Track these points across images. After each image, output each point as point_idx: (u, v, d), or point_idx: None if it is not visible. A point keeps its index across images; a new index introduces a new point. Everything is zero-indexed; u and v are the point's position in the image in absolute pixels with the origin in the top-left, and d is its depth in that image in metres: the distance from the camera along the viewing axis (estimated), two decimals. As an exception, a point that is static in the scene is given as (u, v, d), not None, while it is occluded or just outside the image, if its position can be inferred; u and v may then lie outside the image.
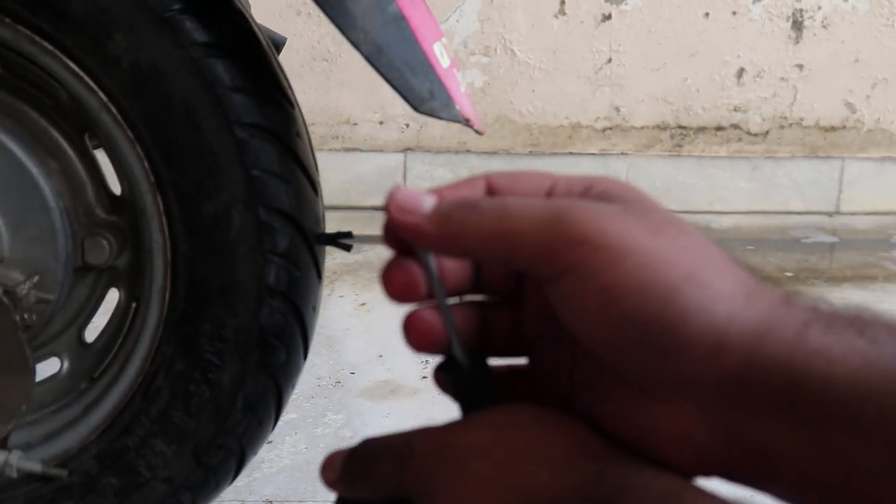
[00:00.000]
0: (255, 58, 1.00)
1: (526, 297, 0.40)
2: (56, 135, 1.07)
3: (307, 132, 1.07)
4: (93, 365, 1.17)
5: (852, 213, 3.15)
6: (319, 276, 1.09)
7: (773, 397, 0.30)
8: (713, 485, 0.33)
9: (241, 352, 1.05)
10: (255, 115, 0.98)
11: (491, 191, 0.39)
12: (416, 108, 0.91)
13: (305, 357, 1.12)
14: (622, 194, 0.36)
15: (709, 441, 0.32)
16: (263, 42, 1.00)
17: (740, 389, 0.31)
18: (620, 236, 0.32)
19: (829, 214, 3.15)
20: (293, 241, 1.02)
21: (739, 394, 0.31)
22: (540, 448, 0.34)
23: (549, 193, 0.38)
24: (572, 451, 0.34)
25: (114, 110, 0.99)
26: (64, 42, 0.96)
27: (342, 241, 1.08)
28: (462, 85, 0.97)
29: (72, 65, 0.98)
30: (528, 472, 0.33)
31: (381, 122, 3.01)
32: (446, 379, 0.38)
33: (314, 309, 1.10)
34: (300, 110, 1.06)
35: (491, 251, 0.34)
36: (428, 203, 0.36)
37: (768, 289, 0.33)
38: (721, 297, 0.31)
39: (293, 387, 1.13)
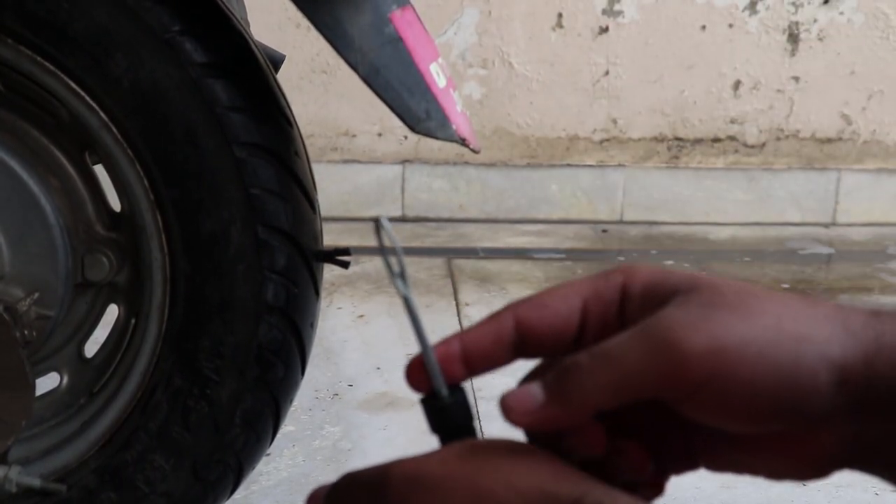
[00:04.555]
0: (253, 77, 1.01)
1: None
2: (56, 152, 1.08)
3: (305, 150, 1.08)
4: (92, 380, 1.17)
5: (849, 225, 3.16)
6: (317, 292, 1.10)
7: (890, 405, 0.35)
8: None
9: (239, 368, 1.06)
10: (253, 134, 0.99)
11: (519, 323, 0.39)
12: (412, 129, 0.92)
13: (303, 373, 1.12)
14: (665, 282, 0.38)
15: (839, 449, 0.37)
16: (262, 61, 1.01)
17: (864, 406, 0.35)
18: (727, 337, 0.35)
19: (826, 226, 3.16)
20: (291, 259, 1.03)
21: (864, 410, 0.35)
22: (512, 477, 0.34)
23: (584, 311, 0.39)
24: (546, 480, 0.34)
25: (114, 129, 1.00)
26: (65, 62, 0.98)
27: (340, 258, 1.09)
28: (459, 104, 0.98)
29: (73, 84, 0.99)
30: (500, 500, 0.34)
31: (379, 134, 3.02)
32: (427, 413, 0.39)
33: (312, 325, 1.11)
34: (298, 129, 1.07)
35: (614, 400, 0.36)
36: (538, 392, 0.37)
37: (852, 310, 0.37)
38: (828, 340, 0.35)
39: (291, 402, 1.14)
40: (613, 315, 0.39)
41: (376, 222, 0.38)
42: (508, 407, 0.37)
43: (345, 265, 1.12)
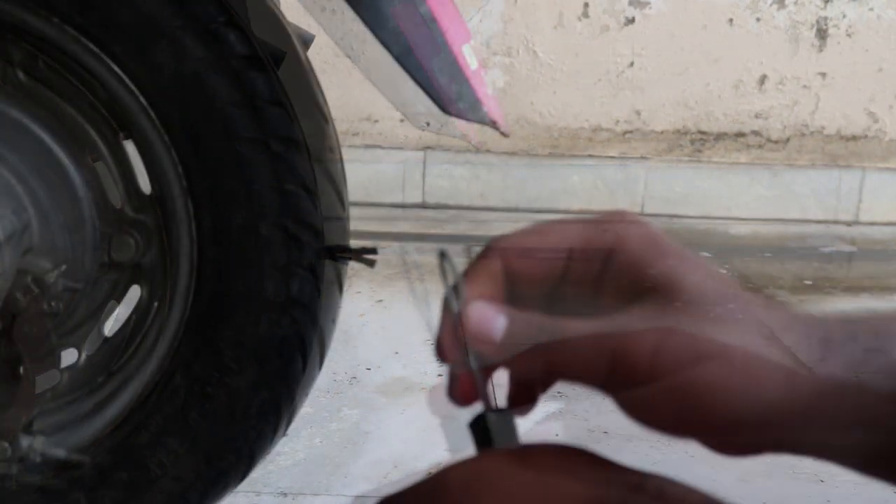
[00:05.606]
0: (294, 72, 1.01)
1: None
2: (90, 131, 1.08)
3: (339, 147, 1.08)
4: (111, 359, 1.17)
5: (872, 224, 3.14)
6: (341, 289, 1.10)
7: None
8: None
9: (259, 359, 1.06)
10: (291, 129, 0.99)
11: (506, 267, 0.41)
12: (444, 110, 0.92)
13: (321, 367, 1.13)
14: (650, 270, 0.38)
15: None
16: (303, 56, 1.01)
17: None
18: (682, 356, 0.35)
19: (849, 224, 3.14)
20: (319, 255, 1.04)
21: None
22: (574, 467, 0.35)
23: (569, 258, 0.41)
24: (607, 469, 0.35)
25: (152, 115, 1.00)
26: (110, 45, 0.98)
27: (366, 256, 1.09)
28: (489, 87, 0.98)
29: (115, 67, 0.99)
30: (565, 487, 0.34)
31: (401, 120, 3.02)
32: (474, 436, 0.39)
33: (333, 321, 1.11)
34: (334, 125, 1.07)
35: (552, 375, 0.38)
36: (499, 327, 0.39)
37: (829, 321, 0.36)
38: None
39: (307, 395, 1.14)
40: (596, 267, 0.40)
41: (441, 255, 0.40)
42: (472, 317, 0.39)
43: (370, 263, 1.13)
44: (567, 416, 1.70)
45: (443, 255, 0.40)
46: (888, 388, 0.34)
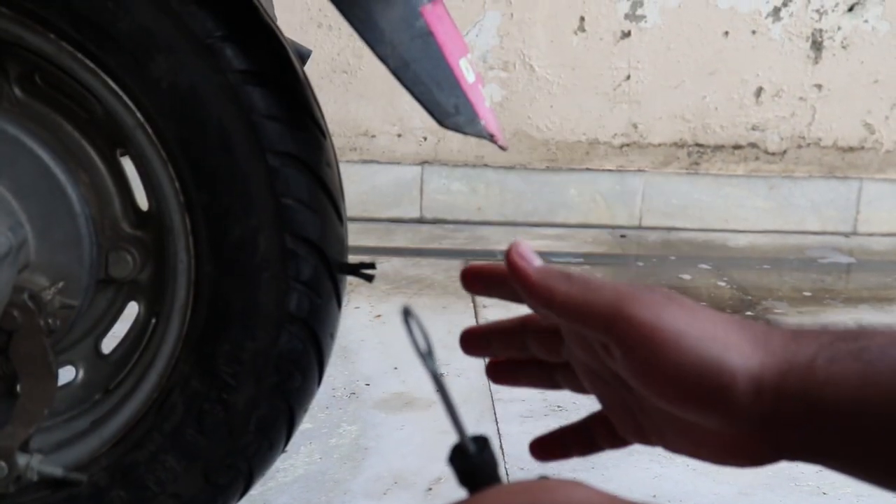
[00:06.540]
0: (291, 87, 1.01)
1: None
2: (87, 147, 1.08)
3: (336, 161, 1.08)
4: (108, 376, 1.16)
5: (869, 234, 3.14)
6: (339, 304, 1.10)
7: (798, 420, 0.41)
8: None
9: (257, 375, 1.06)
10: (288, 143, 0.99)
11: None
12: (441, 123, 0.92)
13: (320, 383, 1.12)
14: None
15: (762, 447, 0.43)
16: (300, 71, 1.01)
17: (774, 417, 0.41)
18: (671, 322, 0.43)
19: (846, 235, 3.14)
20: (317, 270, 1.03)
21: (773, 420, 0.41)
22: (584, 493, 0.37)
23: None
24: (608, 493, 0.37)
25: (149, 130, 1.00)
26: (106, 61, 0.98)
27: (364, 271, 1.09)
28: (487, 100, 0.98)
29: (111, 83, 0.99)
30: None
31: (399, 135, 3.02)
32: (454, 466, 0.39)
33: (332, 336, 1.11)
34: (331, 139, 1.07)
35: (569, 311, 0.46)
36: (538, 260, 0.48)
37: (776, 332, 0.43)
38: (751, 355, 0.42)
39: (305, 411, 1.13)
40: None
41: (405, 312, 0.40)
42: (514, 246, 0.48)
43: (369, 278, 1.12)
44: (567, 430, 1.69)
45: (407, 312, 0.40)
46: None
